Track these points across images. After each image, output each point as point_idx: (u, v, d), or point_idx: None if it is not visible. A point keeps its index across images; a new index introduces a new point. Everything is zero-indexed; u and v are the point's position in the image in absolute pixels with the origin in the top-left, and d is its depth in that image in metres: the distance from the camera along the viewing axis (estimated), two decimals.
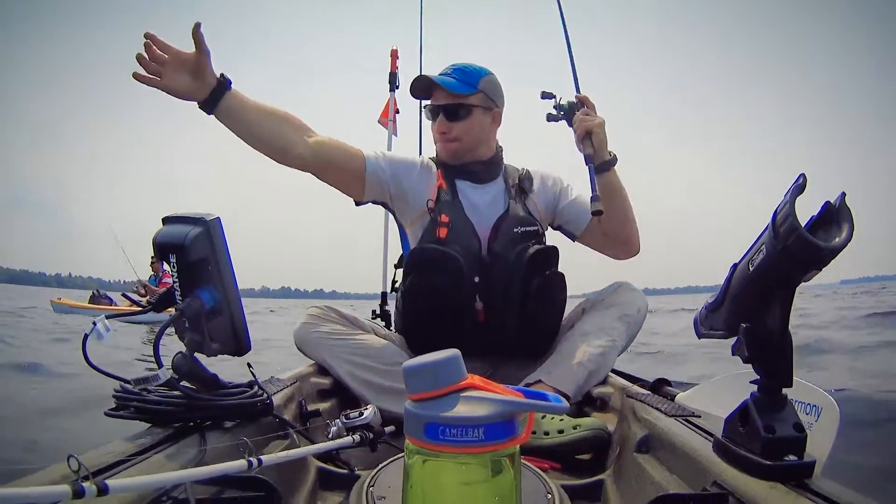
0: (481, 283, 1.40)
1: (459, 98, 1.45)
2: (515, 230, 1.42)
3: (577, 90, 1.46)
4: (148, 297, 8.77)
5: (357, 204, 1.52)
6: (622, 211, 1.45)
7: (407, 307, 1.44)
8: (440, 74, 1.48)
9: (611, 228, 1.48)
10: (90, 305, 11.49)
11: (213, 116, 1.23)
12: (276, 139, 1.31)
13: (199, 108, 1.23)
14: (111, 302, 11.70)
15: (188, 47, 1.16)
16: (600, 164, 1.38)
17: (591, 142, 1.37)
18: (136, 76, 1.14)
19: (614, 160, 1.41)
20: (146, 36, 1.16)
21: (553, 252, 1.45)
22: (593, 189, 1.34)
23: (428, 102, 1.50)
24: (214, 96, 1.22)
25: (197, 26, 1.13)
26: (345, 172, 1.43)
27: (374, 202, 1.53)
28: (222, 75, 1.23)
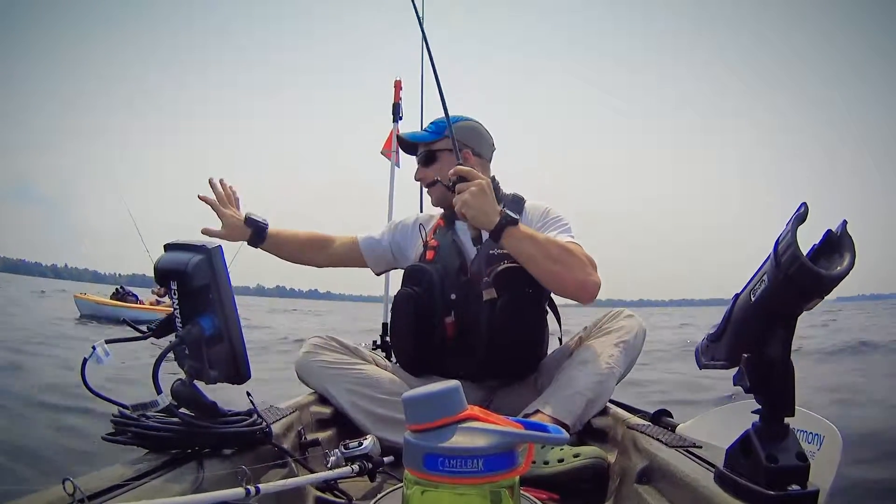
0: (458, 301, 1.44)
1: (428, 145, 1.57)
2: (492, 252, 1.41)
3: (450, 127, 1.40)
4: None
5: (377, 274, 1.78)
6: (543, 269, 1.31)
7: (392, 316, 1.55)
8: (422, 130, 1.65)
9: (547, 286, 1.39)
10: (115, 302, 11.16)
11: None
12: (303, 261, 1.71)
13: (248, 244, 1.56)
14: (136, 299, 11.44)
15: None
16: (493, 233, 1.27)
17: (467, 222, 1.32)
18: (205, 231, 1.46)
19: (504, 222, 1.26)
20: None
21: (523, 272, 1.37)
22: (484, 274, 1.35)
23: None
24: (254, 242, 1.56)
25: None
26: (350, 260, 1.74)
27: (389, 270, 1.83)
28: (253, 221, 1.54)
